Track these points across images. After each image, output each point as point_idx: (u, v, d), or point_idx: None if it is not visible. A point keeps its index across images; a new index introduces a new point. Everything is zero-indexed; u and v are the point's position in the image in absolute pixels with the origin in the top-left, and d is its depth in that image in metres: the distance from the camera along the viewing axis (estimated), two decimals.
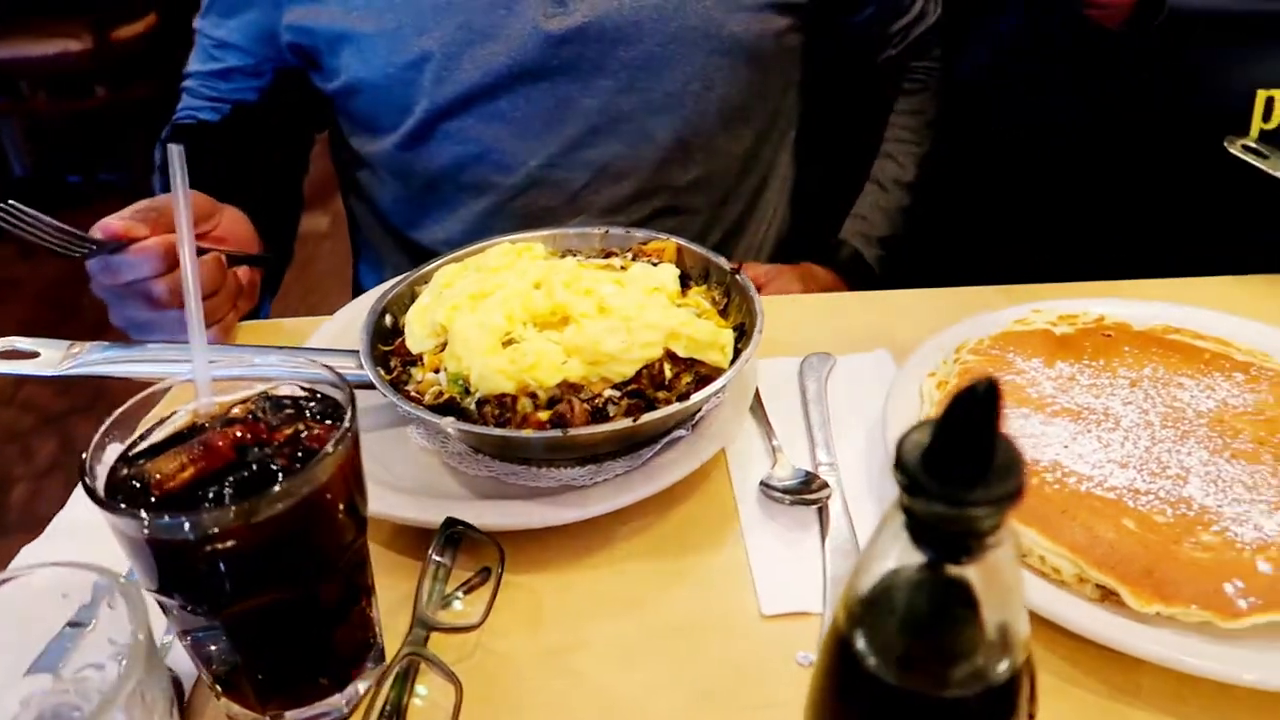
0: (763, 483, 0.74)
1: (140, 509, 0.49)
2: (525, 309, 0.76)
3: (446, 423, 0.70)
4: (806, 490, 0.73)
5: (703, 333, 0.74)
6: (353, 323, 0.82)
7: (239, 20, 1.13)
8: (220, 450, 0.53)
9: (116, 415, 0.55)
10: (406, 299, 0.83)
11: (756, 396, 0.82)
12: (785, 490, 0.73)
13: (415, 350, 0.78)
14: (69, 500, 0.76)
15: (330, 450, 0.52)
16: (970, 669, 0.38)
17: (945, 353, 0.83)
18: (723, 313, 0.82)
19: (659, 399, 0.72)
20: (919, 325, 0.87)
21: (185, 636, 0.56)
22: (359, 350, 0.76)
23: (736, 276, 0.83)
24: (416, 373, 0.77)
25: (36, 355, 0.79)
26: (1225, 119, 1.02)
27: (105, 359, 0.79)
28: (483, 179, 1.13)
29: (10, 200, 0.78)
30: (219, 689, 0.57)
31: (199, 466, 0.52)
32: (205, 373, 0.56)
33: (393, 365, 0.79)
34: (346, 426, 0.54)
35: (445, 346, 0.75)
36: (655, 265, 0.84)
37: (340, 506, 0.54)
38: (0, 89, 3.56)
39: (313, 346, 0.87)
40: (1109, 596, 0.61)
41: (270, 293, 1.12)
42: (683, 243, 0.87)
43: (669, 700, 0.60)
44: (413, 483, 0.75)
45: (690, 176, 1.16)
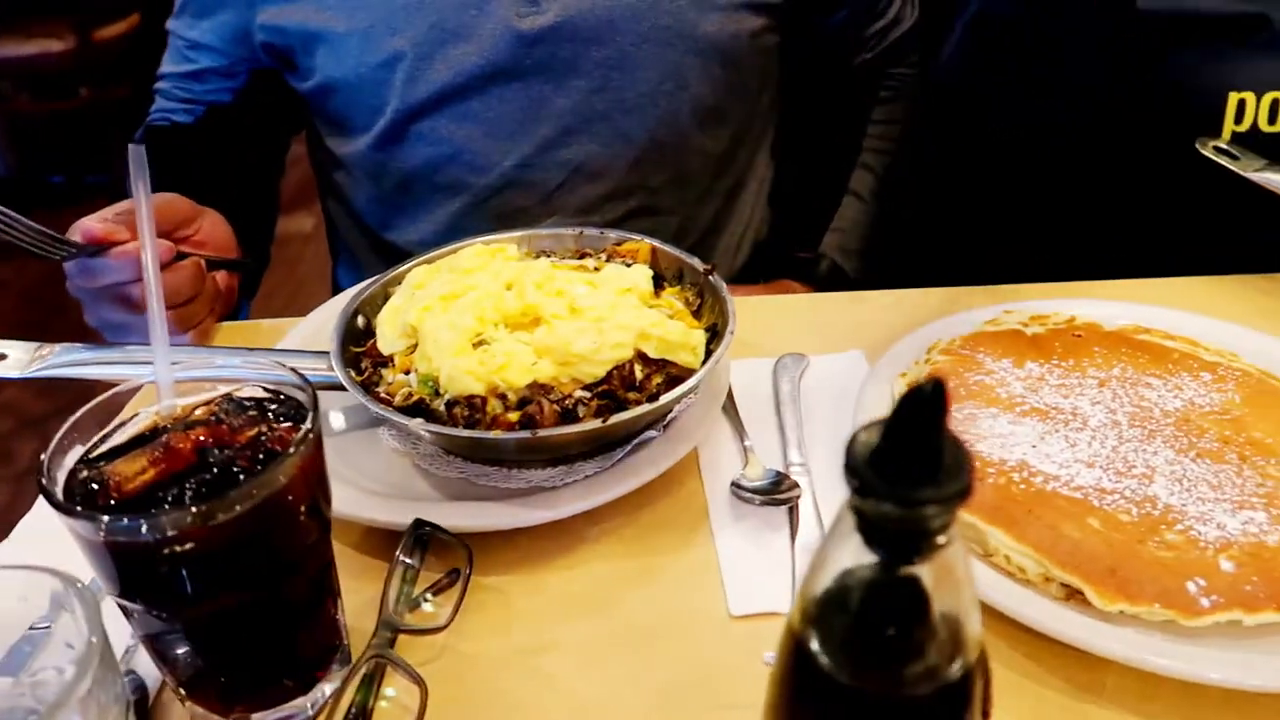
0: (733, 483, 0.74)
1: (97, 511, 0.49)
2: (497, 310, 0.76)
3: (416, 424, 0.69)
4: (777, 491, 0.73)
5: (673, 333, 0.74)
6: (327, 324, 0.82)
7: (212, 21, 1.12)
8: (181, 452, 0.53)
9: (77, 417, 0.54)
10: (379, 300, 0.83)
11: (730, 397, 0.82)
12: (755, 491, 0.73)
13: (386, 351, 0.78)
14: (34, 504, 0.75)
15: (291, 452, 0.52)
16: (923, 668, 0.38)
17: (917, 353, 0.83)
18: (696, 314, 0.82)
19: (630, 400, 0.72)
20: (895, 326, 0.87)
21: (148, 640, 0.55)
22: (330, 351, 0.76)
23: (710, 277, 0.83)
24: (388, 374, 0.77)
25: (4, 357, 0.78)
26: (1197, 121, 1.02)
27: (73, 360, 0.79)
28: (456, 179, 1.13)
29: None
30: (183, 693, 0.57)
31: (159, 469, 0.52)
32: (167, 374, 0.56)
33: (364, 367, 0.78)
34: (308, 428, 0.53)
35: (416, 348, 0.75)
36: (629, 266, 0.84)
37: (302, 508, 0.54)
38: None
39: (286, 348, 0.86)
40: (1074, 595, 0.61)
41: (248, 296, 1.12)
42: (657, 244, 0.87)
43: (638, 700, 0.60)
44: (383, 485, 0.74)
45: (665, 177, 1.16)
